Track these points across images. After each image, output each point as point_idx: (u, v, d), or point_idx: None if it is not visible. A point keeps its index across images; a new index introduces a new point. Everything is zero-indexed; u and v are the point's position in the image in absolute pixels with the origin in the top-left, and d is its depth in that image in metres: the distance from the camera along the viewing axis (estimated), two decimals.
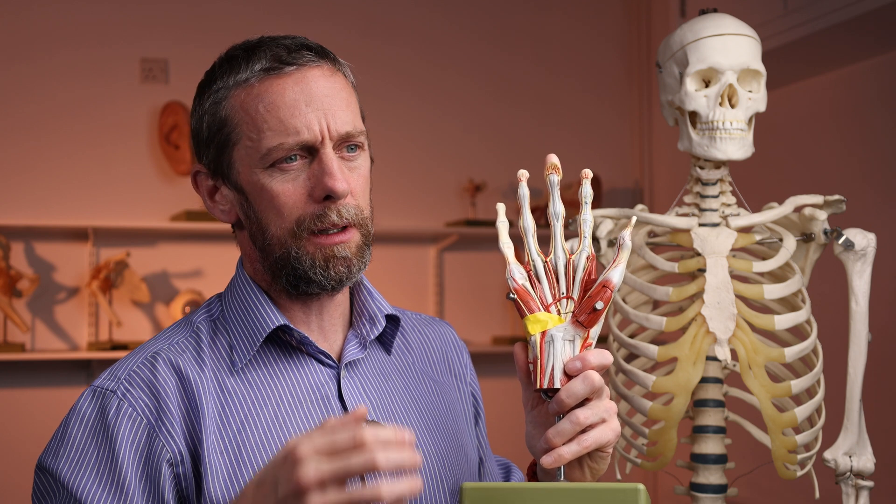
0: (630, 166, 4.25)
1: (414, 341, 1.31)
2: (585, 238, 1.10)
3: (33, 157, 3.60)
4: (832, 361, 1.88)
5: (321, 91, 1.14)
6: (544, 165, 1.13)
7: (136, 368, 1.14)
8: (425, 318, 1.37)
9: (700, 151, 1.72)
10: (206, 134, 1.20)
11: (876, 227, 1.90)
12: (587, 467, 1.09)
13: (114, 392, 1.12)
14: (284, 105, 1.12)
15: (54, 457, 1.11)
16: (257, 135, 1.13)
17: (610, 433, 1.06)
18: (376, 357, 1.24)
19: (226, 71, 1.17)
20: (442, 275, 4.03)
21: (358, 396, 1.18)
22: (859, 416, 1.72)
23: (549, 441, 1.04)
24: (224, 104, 1.16)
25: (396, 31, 4.00)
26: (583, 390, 1.03)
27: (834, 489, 1.77)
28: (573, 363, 1.04)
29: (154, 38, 3.73)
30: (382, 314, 1.24)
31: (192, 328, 1.19)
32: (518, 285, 1.10)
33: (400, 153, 3.96)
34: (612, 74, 4.27)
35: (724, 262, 1.70)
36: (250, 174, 1.15)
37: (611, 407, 1.06)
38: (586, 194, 1.11)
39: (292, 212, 1.13)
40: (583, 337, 1.06)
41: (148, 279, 3.67)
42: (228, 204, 1.20)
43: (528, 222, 1.12)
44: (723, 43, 1.70)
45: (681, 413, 1.69)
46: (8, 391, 3.54)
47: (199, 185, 1.23)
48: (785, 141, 3.31)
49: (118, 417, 1.10)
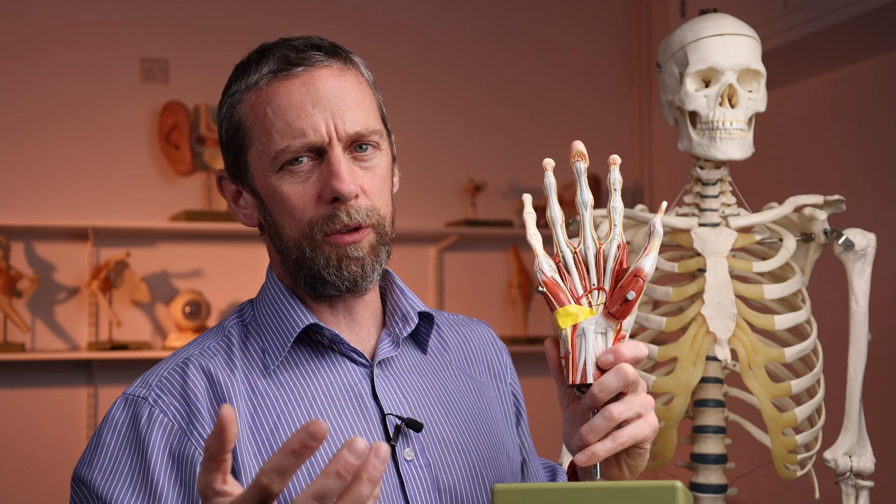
0: (630, 166, 4.25)
1: (451, 340, 1.29)
2: (616, 227, 1.06)
3: (33, 157, 3.60)
4: (832, 361, 1.88)
5: (329, 91, 1.13)
6: (570, 153, 1.09)
7: (167, 375, 1.13)
8: (463, 319, 1.35)
9: (700, 151, 1.72)
10: (224, 138, 1.19)
11: (876, 227, 1.90)
12: (625, 464, 1.06)
13: (145, 399, 1.11)
14: (291, 107, 1.12)
15: (88, 467, 1.10)
16: (266, 138, 1.13)
17: (647, 428, 1.01)
18: (411, 356, 1.23)
19: (239, 75, 1.17)
20: (442, 275, 4.03)
21: (393, 395, 1.17)
22: (859, 416, 1.72)
23: (583, 438, 1.00)
24: (238, 108, 1.16)
25: (396, 31, 4.00)
26: (616, 384, 0.99)
27: (834, 489, 1.77)
28: (606, 356, 1.00)
29: (154, 38, 3.73)
30: (415, 312, 1.22)
31: (223, 333, 1.19)
32: (547, 278, 1.05)
33: (400, 153, 3.94)
34: (612, 74, 4.27)
35: (724, 262, 1.70)
36: (263, 177, 1.15)
37: (647, 401, 1.02)
38: (615, 181, 1.07)
39: (304, 214, 1.13)
40: (615, 329, 1.02)
41: (148, 279, 3.67)
42: (250, 208, 1.20)
43: (555, 213, 1.08)
44: (723, 43, 1.70)
45: (681, 413, 1.69)
46: (8, 391, 3.54)
47: (224, 190, 1.22)
48: (785, 141, 3.31)
49: (150, 424, 1.09)
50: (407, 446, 1.14)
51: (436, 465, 1.14)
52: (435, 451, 1.15)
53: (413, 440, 1.15)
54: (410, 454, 1.14)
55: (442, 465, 1.15)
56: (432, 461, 1.14)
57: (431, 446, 1.15)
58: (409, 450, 1.14)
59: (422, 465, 1.14)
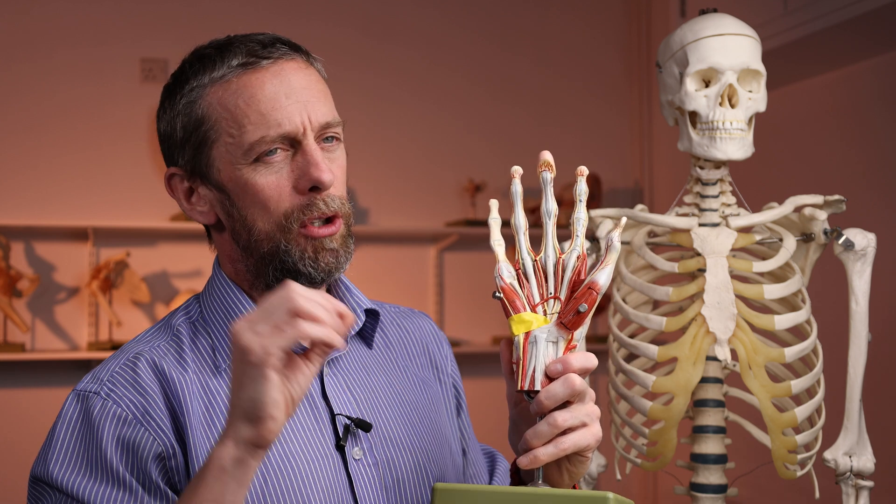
0: (630, 166, 4.25)
1: (393, 335, 1.31)
2: (578, 237, 1.08)
3: (33, 157, 3.60)
4: (832, 361, 1.88)
5: (299, 83, 1.14)
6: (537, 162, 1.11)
7: (119, 370, 1.14)
8: (403, 311, 1.37)
9: (700, 151, 1.72)
10: (180, 135, 1.17)
11: (876, 227, 1.90)
12: (566, 470, 1.09)
13: (97, 393, 1.12)
14: (264, 98, 1.12)
15: (44, 463, 1.11)
16: (238, 130, 1.13)
17: (590, 437, 1.05)
18: (358, 352, 1.24)
19: (198, 70, 1.16)
20: (442, 275, 4.03)
21: (342, 393, 1.18)
22: (859, 416, 1.72)
23: (527, 442, 1.04)
24: (200, 102, 1.15)
25: (396, 31, 4.00)
26: (563, 393, 1.02)
27: (834, 489, 1.77)
28: (554, 366, 1.04)
29: (154, 38, 3.73)
30: (361, 309, 1.24)
31: (171, 332, 1.18)
32: (505, 284, 1.09)
33: (400, 153, 3.96)
34: (612, 74, 4.27)
35: (724, 262, 1.70)
36: (232, 171, 1.14)
37: (593, 411, 1.05)
38: (581, 192, 1.09)
39: (279, 205, 1.13)
40: (567, 339, 1.05)
41: (148, 279, 3.67)
42: (207, 205, 1.19)
43: (519, 220, 1.11)
44: (723, 43, 1.70)
45: (681, 413, 1.69)
46: (8, 391, 3.54)
47: (174, 189, 1.21)
48: (785, 141, 3.31)
49: (102, 415, 1.10)
50: (356, 445, 1.15)
51: (383, 463, 1.16)
52: (382, 450, 1.17)
53: (361, 439, 1.16)
54: (359, 453, 1.15)
55: (389, 463, 1.17)
56: (380, 459, 1.16)
57: (379, 445, 1.17)
58: (358, 449, 1.15)
59: (370, 463, 1.15)
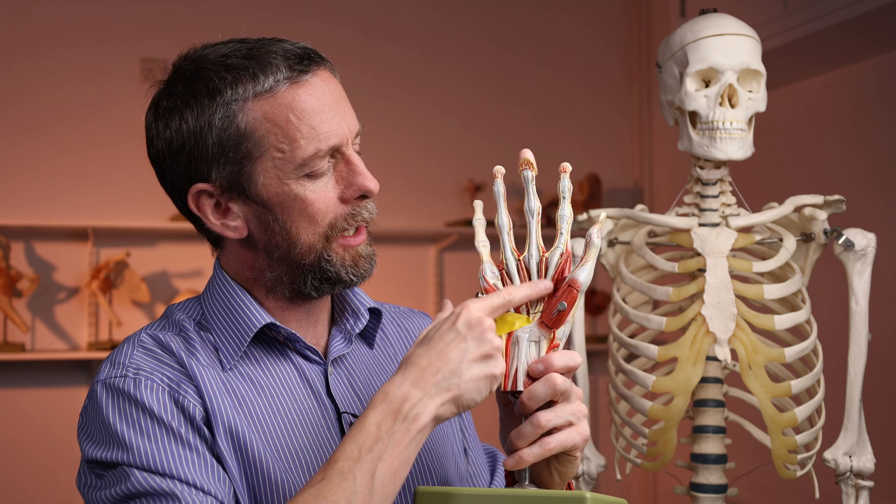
0: (630, 166, 4.25)
1: (393, 335, 1.31)
2: (562, 234, 1.08)
3: (33, 157, 3.60)
4: (832, 361, 1.88)
5: (335, 93, 1.14)
6: (517, 160, 1.11)
7: (137, 353, 1.12)
8: (404, 311, 1.37)
9: (700, 151, 1.72)
10: (214, 150, 1.12)
11: (876, 227, 1.90)
12: (555, 470, 1.09)
13: (124, 376, 1.09)
14: (313, 111, 1.11)
15: (90, 442, 1.08)
16: (290, 145, 1.11)
17: (576, 436, 1.04)
18: (360, 352, 1.25)
19: (230, 83, 1.12)
20: (442, 275, 4.03)
21: (346, 392, 1.19)
22: (859, 416, 1.72)
23: (512, 443, 1.04)
24: (240, 117, 1.11)
25: (396, 31, 4.00)
26: (544, 393, 1.02)
27: (834, 489, 1.77)
28: (536, 365, 1.03)
29: (154, 38, 3.73)
30: (365, 308, 1.25)
31: (177, 324, 1.18)
32: (489, 285, 1.09)
33: (400, 153, 3.96)
34: (612, 74, 4.27)
35: (724, 262, 1.70)
36: (279, 185, 1.12)
37: (579, 410, 1.05)
38: (564, 189, 1.09)
39: (325, 216, 1.13)
40: (549, 338, 1.05)
41: (148, 279, 3.67)
42: (240, 220, 1.16)
43: (503, 220, 1.11)
44: (723, 43, 1.70)
45: (681, 413, 1.68)
46: (8, 391, 3.54)
47: (200, 205, 1.16)
48: (785, 141, 3.31)
49: (139, 389, 1.07)
50: None
51: None
52: None
53: None
54: None
55: None
56: None
57: None
58: None
59: None
